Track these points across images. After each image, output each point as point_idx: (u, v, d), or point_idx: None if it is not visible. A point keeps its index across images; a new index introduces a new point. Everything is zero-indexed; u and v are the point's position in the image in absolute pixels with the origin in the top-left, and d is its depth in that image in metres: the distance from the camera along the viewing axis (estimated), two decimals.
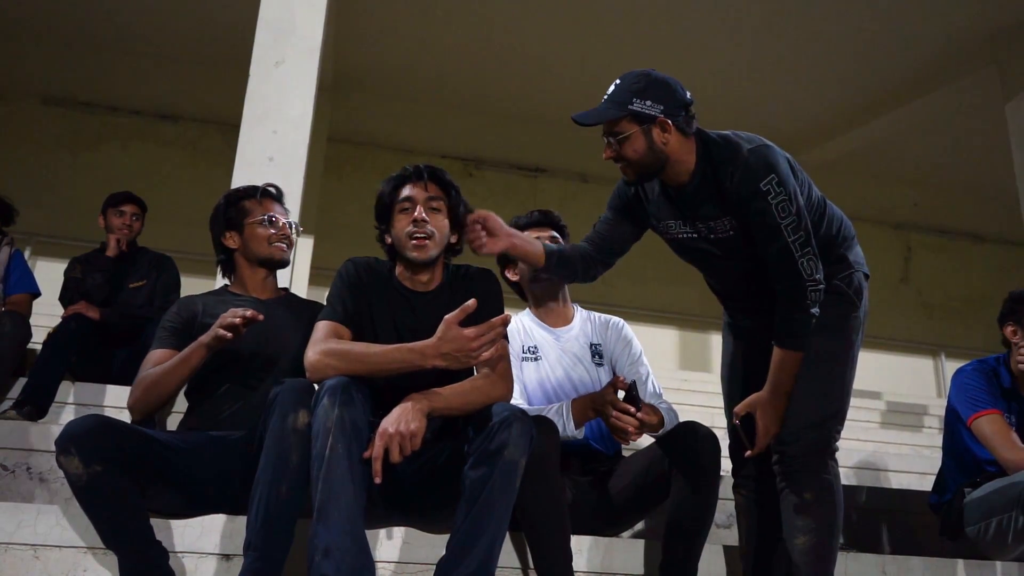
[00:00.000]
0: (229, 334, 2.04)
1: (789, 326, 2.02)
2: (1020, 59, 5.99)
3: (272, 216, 2.42)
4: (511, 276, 2.60)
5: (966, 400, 2.78)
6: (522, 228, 2.49)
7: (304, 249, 6.44)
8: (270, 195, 2.47)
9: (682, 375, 6.41)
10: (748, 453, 2.06)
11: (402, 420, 1.79)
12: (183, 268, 4.12)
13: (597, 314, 2.64)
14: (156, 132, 7.56)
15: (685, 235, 2.18)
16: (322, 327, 2.03)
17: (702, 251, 2.17)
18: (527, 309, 2.62)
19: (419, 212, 2.09)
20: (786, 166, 2.03)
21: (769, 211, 1.97)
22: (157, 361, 2.21)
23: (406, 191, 2.13)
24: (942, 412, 3.55)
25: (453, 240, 2.18)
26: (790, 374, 2.03)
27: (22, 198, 4.02)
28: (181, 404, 2.30)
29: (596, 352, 2.54)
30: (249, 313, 2.03)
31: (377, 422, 1.83)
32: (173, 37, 6.91)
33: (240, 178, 3.70)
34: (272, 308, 2.35)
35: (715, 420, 4.37)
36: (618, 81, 2.08)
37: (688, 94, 2.09)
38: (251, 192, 2.46)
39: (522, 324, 2.55)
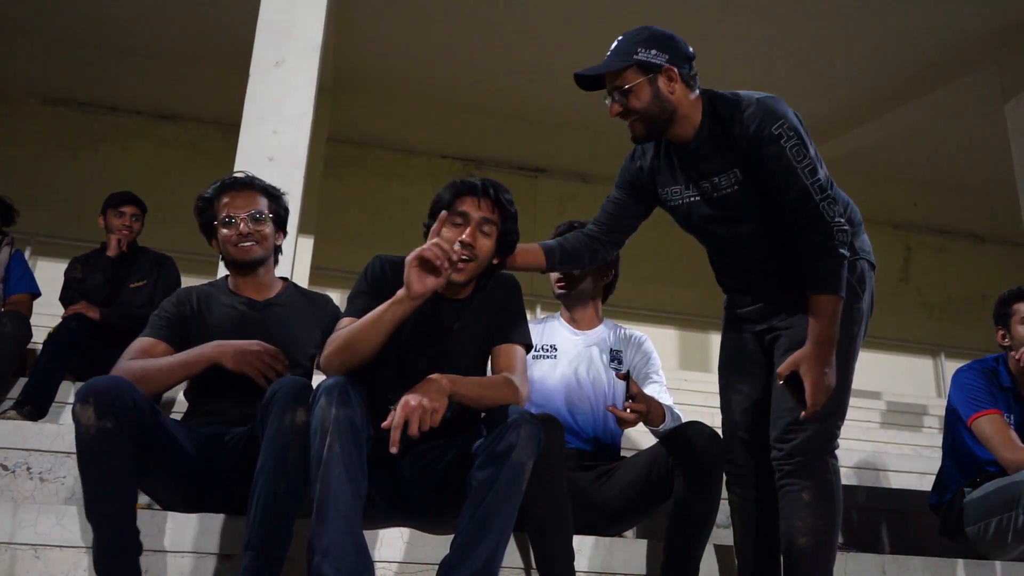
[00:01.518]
0: (262, 381, 2.05)
1: (820, 270, 1.93)
2: (1020, 59, 5.99)
3: (230, 216, 2.26)
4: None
5: (966, 400, 2.78)
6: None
7: (304, 249, 6.44)
8: (229, 189, 2.30)
9: (682, 375, 6.39)
10: (803, 414, 1.94)
11: (425, 395, 1.79)
12: (183, 268, 4.12)
13: (624, 327, 2.72)
14: (156, 132, 7.57)
15: (689, 199, 2.13)
16: (340, 325, 2.02)
17: (705, 216, 2.12)
18: (558, 313, 2.74)
19: (467, 234, 2.02)
20: (795, 118, 2.01)
21: (783, 154, 1.94)
22: (144, 348, 2.14)
23: (464, 205, 2.06)
24: (942, 412, 3.55)
25: (495, 262, 2.13)
26: (830, 321, 1.92)
27: (22, 198, 4.03)
28: (180, 405, 2.29)
29: (615, 357, 2.61)
30: (280, 367, 2.09)
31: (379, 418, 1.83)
32: (173, 37, 6.91)
33: None
34: (266, 310, 2.29)
35: (715, 420, 4.34)
36: (620, 38, 2.05)
37: (690, 48, 2.07)
38: (216, 191, 2.31)
39: (545, 325, 2.68)
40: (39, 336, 3.64)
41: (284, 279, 2.43)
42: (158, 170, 7.25)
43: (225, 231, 2.27)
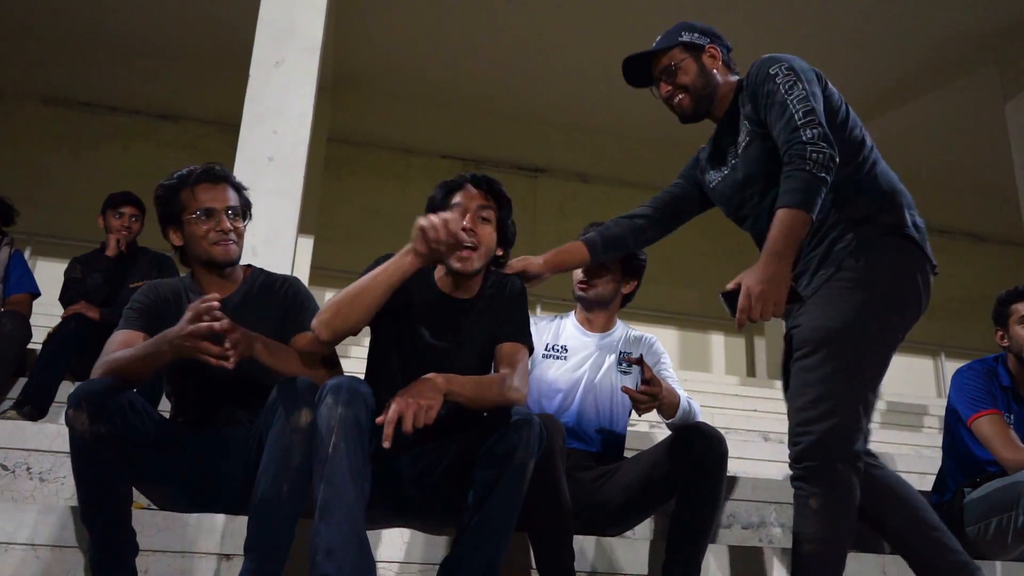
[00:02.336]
0: (204, 346, 1.78)
1: (788, 183, 1.90)
2: (1020, 59, 6.00)
3: (208, 208, 2.09)
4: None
5: (966, 400, 2.78)
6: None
7: (304, 249, 6.44)
8: (203, 180, 2.13)
9: (682, 375, 6.38)
10: (737, 326, 1.90)
11: (419, 392, 1.79)
12: (182, 268, 4.12)
13: (632, 329, 2.74)
14: (156, 132, 7.57)
15: (724, 172, 2.21)
16: None
17: (736, 184, 2.17)
18: (572, 312, 2.74)
19: (467, 220, 2.02)
20: (807, 67, 2.05)
21: (777, 91, 2.00)
22: (126, 342, 2.01)
23: (457, 198, 2.09)
24: (942, 412, 3.55)
25: (499, 253, 2.14)
26: (781, 234, 1.86)
27: (22, 198, 4.02)
28: (165, 404, 2.26)
29: (624, 359, 2.61)
30: (218, 326, 1.79)
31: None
32: (173, 37, 6.92)
33: (240, 178, 3.69)
34: (229, 307, 2.09)
35: (715, 420, 4.37)
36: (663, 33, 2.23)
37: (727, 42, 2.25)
38: (184, 180, 2.13)
39: (558, 325, 2.68)
40: (39, 336, 3.64)
41: (248, 266, 2.26)
42: (158, 170, 7.18)
43: (203, 226, 2.09)
